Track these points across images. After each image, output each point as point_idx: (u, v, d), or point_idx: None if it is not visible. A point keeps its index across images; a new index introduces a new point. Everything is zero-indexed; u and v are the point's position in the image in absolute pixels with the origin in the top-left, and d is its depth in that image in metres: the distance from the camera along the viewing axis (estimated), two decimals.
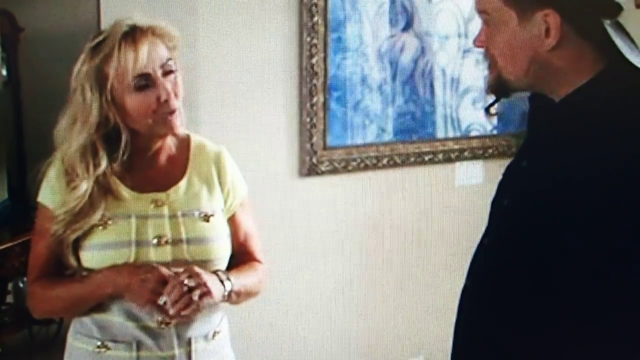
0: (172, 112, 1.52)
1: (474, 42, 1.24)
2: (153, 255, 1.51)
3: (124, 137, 1.52)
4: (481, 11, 1.19)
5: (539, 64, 1.15)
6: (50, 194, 1.54)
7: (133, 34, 1.49)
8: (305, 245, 2.51)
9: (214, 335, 1.60)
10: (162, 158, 1.61)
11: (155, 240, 1.52)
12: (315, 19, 2.37)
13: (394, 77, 2.59)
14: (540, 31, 1.12)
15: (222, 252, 1.59)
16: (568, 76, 1.15)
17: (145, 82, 1.49)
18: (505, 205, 1.24)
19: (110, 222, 1.52)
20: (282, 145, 2.42)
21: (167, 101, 1.50)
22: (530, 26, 1.13)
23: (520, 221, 1.17)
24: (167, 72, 1.52)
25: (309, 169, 2.45)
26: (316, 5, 2.36)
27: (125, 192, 1.55)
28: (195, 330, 1.56)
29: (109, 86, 1.49)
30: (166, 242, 1.53)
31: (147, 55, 1.48)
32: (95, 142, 1.51)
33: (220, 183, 1.64)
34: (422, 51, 2.64)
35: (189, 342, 1.55)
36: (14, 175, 3.06)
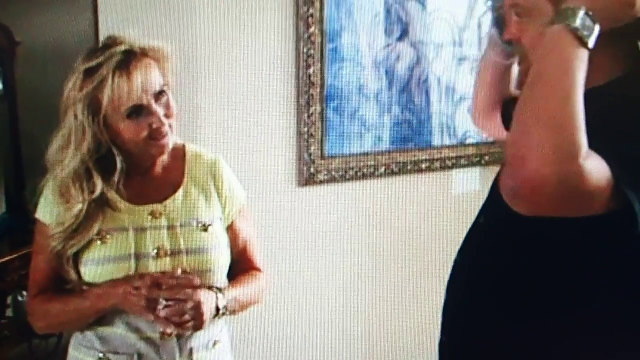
0: (164, 136, 1.53)
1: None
2: (153, 267, 1.51)
3: (119, 163, 1.52)
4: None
5: None
6: (48, 211, 1.55)
7: (127, 62, 1.47)
8: (304, 254, 2.51)
9: (214, 345, 1.61)
10: (158, 169, 1.62)
11: (154, 253, 1.52)
12: (312, 29, 2.38)
13: (390, 87, 2.60)
14: None
15: (221, 262, 1.60)
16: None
17: (139, 110, 1.49)
18: None
19: (108, 236, 1.52)
20: (280, 155, 2.42)
21: (159, 128, 1.51)
22: None
23: None
24: (159, 95, 1.52)
25: (307, 179, 2.46)
26: (312, 16, 2.37)
27: (121, 204, 1.55)
28: (197, 341, 1.56)
29: (102, 113, 1.48)
30: (165, 254, 1.53)
31: (141, 87, 1.47)
32: (89, 167, 1.51)
33: (218, 191, 1.64)
34: (418, 60, 2.65)
35: (190, 353, 1.55)
36: (11, 189, 3.05)
